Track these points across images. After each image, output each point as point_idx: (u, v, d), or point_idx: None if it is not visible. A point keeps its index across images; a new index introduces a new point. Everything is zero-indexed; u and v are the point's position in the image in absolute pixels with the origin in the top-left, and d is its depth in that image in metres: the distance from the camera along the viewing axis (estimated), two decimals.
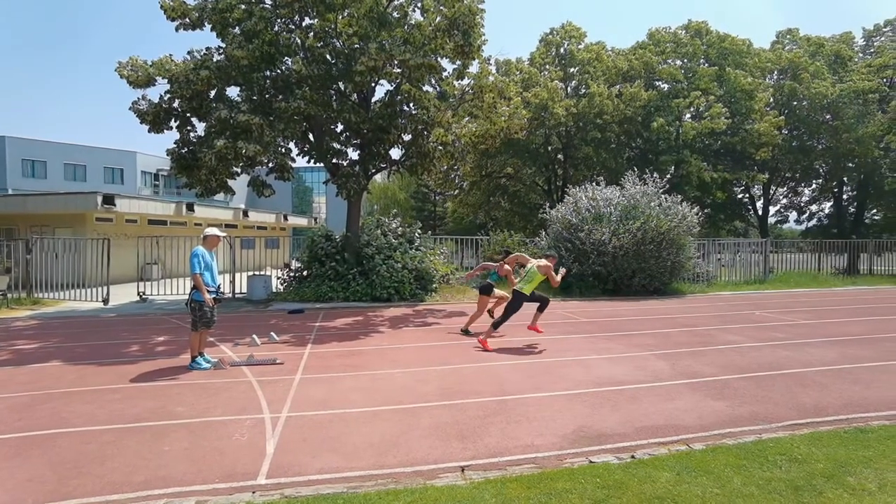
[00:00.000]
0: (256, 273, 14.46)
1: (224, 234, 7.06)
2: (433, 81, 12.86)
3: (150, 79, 11.67)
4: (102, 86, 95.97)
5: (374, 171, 14.30)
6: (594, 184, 16.26)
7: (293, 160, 13.72)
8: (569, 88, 27.83)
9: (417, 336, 8.75)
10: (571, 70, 27.77)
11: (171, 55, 11.84)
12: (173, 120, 12.40)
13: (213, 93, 12.07)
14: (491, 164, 26.36)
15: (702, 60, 28.12)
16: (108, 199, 17.30)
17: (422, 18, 12.29)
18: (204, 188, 12.63)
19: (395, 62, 11.23)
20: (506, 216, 28.84)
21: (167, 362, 6.77)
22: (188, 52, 12.23)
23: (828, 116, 27.11)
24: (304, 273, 13.95)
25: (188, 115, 12.33)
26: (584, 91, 26.37)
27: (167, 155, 12.96)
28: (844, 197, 31.30)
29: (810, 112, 27.24)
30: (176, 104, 12.12)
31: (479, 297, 9.08)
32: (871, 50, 29.75)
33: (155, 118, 12.14)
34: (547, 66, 27.51)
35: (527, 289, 7.75)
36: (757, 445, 3.98)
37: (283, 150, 13.15)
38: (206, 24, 11.92)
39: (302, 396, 5.31)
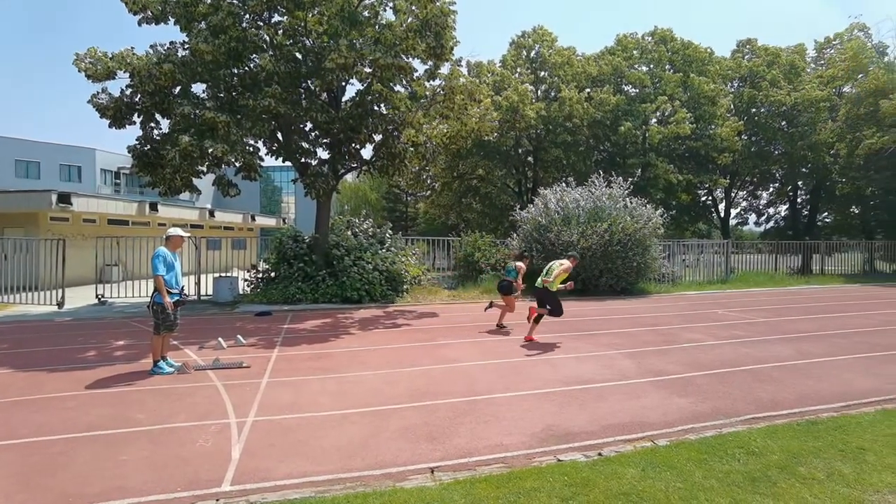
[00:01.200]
0: (223, 275, 14.09)
1: (188, 235, 6.86)
2: (404, 82, 12.81)
3: (111, 72, 11.20)
4: (60, 80, 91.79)
5: (343, 171, 14.14)
6: (563, 184, 16.52)
7: (261, 159, 13.43)
8: (539, 91, 28.20)
9: (387, 338, 8.69)
10: (542, 74, 28.15)
11: (132, 48, 11.40)
12: (136, 115, 11.96)
13: (177, 89, 11.70)
14: (462, 165, 26.46)
15: (667, 66, 28.97)
16: (64, 198, 16.55)
17: (393, 18, 12.24)
18: (167, 187, 12.23)
19: (366, 61, 11.15)
20: (477, 217, 28.98)
21: (127, 367, 6.52)
22: (151, 46, 11.79)
23: (784, 123, 28.43)
24: (272, 274, 13.69)
25: (151, 110, 11.90)
26: (554, 95, 26.77)
27: (128, 152, 12.47)
28: (799, 200, 32.82)
29: (768, 119, 28.51)
30: (138, 99, 11.69)
31: (503, 296, 9.78)
32: (822, 61, 31.26)
33: (116, 113, 11.66)
34: (518, 69, 27.81)
35: (553, 285, 8.18)
36: (717, 440, 4.12)
37: (251, 148, 12.86)
38: (169, 18, 11.55)
39: (269, 400, 5.20)
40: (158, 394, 5.41)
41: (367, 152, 14.27)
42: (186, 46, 11.67)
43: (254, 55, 11.86)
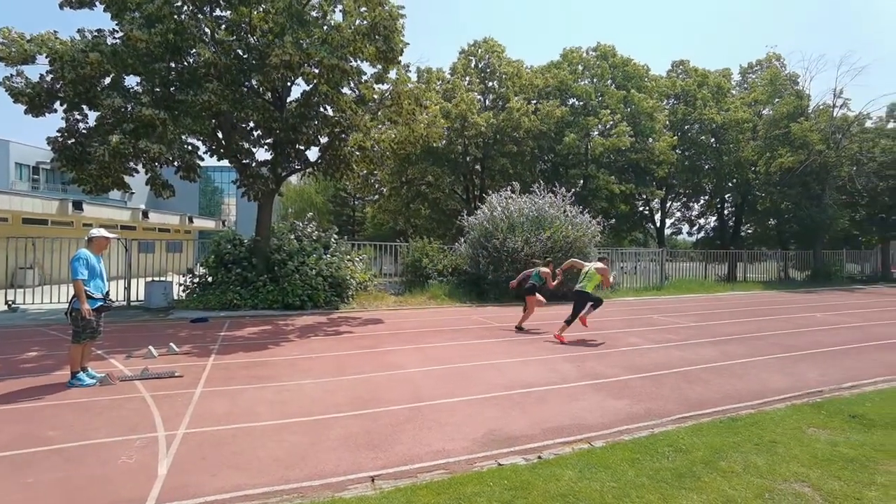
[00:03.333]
0: (156, 279, 13.30)
1: (114, 236, 6.41)
2: (352, 84, 12.66)
3: (28, 56, 10.25)
4: None
5: (285, 172, 13.74)
6: (508, 189, 16.82)
7: (201, 158, 12.82)
8: (487, 101, 28.73)
9: (330, 345, 8.50)
10: (491, 84, 28.72)
11: (54, 31, 10.53)
12: (58, 103, 11.05)
13: (107, 79, 10.94)
14: (411, 171, 26.46)
15: (609, 81, 30.38)
16: None
17: (342, 20, 12.08)
18: (93, 185, 11.38)
19: (313, 62, 10.93)
20: (425, 223, 29.03)
21: (40, 380, 5.99)
22: (77, 31, 10.95)
23: (713, 140, 30.58)
24: (210, 279, 13.06)
25: (75, 100, 11.03)
26: (502, 104, 27.35)
27: (48, 145, 11.51)
28: (726, 212, 35.31)
29: (699, 135, 30.57)
30: (59, 87, 10.80)
31: (527, 298, 10.20)
32: (746, 85, 33.93)
33: (33, 99, 10.68)
34: (468, 78, 28.22)
35: (588, 287, 8.84)
36: (649, 439, 4.31)
37: (190, 147, 12.24)
38: (97, 3, 10.81)
39: (203, 411, 4.94)
40: (76, 408, 5.00)
41: (313, 154, 13.98)
42: (118, 35, 10.97)
43: (193, 49, 11.34)
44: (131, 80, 11.48)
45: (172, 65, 11.38)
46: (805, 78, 28.93)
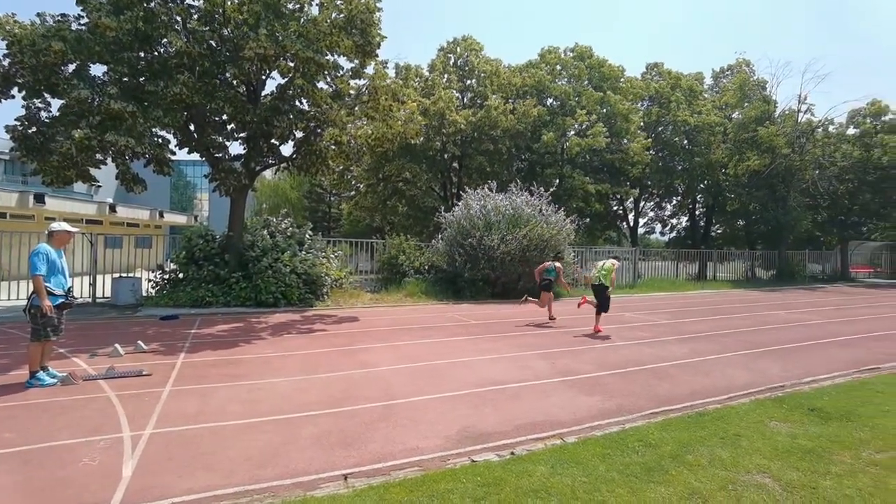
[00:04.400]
0: (123, 275, 12.90)
1: (76, 230, 6.19)
2: (329, 79, 12.50)
3: None
4: None
5: (259, 167, 13.49)
6: (485, 187, 16.88)
7: (172, 152, 12.45)
8: (465, 99, 28.76)
9: (303, 343, 8.40)
10: (469, 82, 28.75)
11: (13, 14, 10.05)
12: (16, 89, 10.56)
13: (71, 66, 10.50)
14: (389, 167, 26.31)
15: (586, 82, 30.75)
16: None
17: (318, 13, 11.89)
18: (55, 177, 10.92)
19: (288, 55, 10.74)
20: (402, 220, 28.90)
21: None
22: (38, 14, 10.46)
23: (686, 142, 31.30)
24: (180, 276, 12.74)
25: (36, 87, 10.55)
26: (480, 103, 27.41)
27: (7, 132, 10.99)
28: (697, 213, 36.20)
29: (673, 136, 31.26)
30: (17, 72, 10.28)
31: (542, 292, 11.18)
32: (717, 89, 34.83)
33: None
34: (447, 75, 28.18)
35: (607, 281, 9.98)
36: (620, 435, 4.40)
37: (160, 140, 11.87)
38: None
39: (171, 410, 4.83)
40: (35, 409, 4.82)
41: (288, 149, 13.75)
42: (83, 21, 10.55)
43: (165, 38, 11.00)
44: (98, 68, 11.10)
45: (142, 54, 11.03)
46: (772, 83, 29.82)
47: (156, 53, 11.18)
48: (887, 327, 11.07)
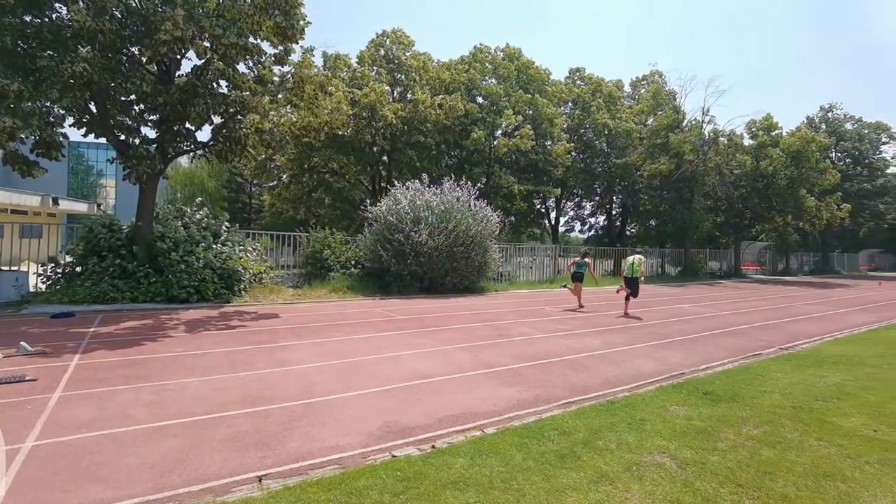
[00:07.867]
0: (4, 269, 11.48)
1: None
2: (251, 63, 11.85)
3: None
4: None
5: (173, 153, 12.54)
6: (416, 182, 16.80)
7: (65, 136, 11.21)
8: (395, 93, 28.47)
9: (219, 340, 7.94)
10: (399, 76, 28.48)
11: None
12: None
13: None
14: (315, 158, 25.47)
15: (514, 82, 31.56)
16: None
17: None
18: None
19: (206, 36, 10.04)
20: (328, 213, 28.12)
21: None
22: None
23: (605, 145, 33.15)
24: (78, 269, 11.57)
25: None
26: (409, 97, 27.26)
27: None
28: (614, 212, 38.51)
29: (593, 139, 32.97)
30: None
31: (575, 283, 13.77)
32: (635, 96, 37.20)
33: None
34: (376, 68, 27.72)
35: (638, 273, 12.37)
36: (537, 424, 4.58)
37: (52, 118, 10.64)
38: None
39: (60, 418, 4.37)
40: None
41: (205, 135, 12.90)
42: None
43: (57, 4, 9.86)
44: None
45: (28, 19, 9.82)
46: (681, 95, 32.40)
47: (46, 20, 10.00)
48: (769, 317, 12.47)
